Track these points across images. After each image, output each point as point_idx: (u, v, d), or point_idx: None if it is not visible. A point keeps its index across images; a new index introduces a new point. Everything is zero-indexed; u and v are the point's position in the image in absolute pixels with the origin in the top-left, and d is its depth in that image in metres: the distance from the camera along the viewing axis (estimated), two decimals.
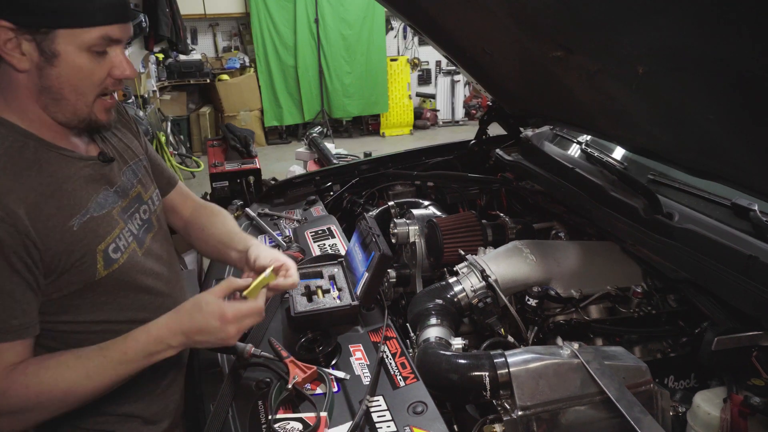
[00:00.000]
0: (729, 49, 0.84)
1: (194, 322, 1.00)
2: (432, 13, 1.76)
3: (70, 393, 0.95)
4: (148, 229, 1.18)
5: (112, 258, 1.04)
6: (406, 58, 8.45)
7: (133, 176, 1.18)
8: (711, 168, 1.25)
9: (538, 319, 1.43)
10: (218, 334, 1.01)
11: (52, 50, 0.92)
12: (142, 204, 1.18)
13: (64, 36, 0.91)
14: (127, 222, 1.11)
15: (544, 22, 1.25)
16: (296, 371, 1.16)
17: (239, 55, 7.88)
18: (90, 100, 0.99)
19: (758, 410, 1.04)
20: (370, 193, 2.32)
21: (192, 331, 1.00)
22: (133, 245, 1.11)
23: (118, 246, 1.06)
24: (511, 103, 2.22)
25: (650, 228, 1.41)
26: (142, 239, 1.15)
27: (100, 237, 1.02)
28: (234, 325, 1.02)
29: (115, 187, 1.11)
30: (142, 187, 1.20)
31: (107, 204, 1.07)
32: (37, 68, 0.93)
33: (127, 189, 1.14)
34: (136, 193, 1.17)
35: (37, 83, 0.95)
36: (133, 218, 1.14)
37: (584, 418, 1.07)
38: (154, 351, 0.99)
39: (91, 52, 0.94)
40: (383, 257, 1.34)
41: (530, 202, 2.06)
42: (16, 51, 0.91)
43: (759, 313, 1.12)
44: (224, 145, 4.04)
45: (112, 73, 0.99)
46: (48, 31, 0.90)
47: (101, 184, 1.07)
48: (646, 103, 1.23)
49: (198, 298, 1.03)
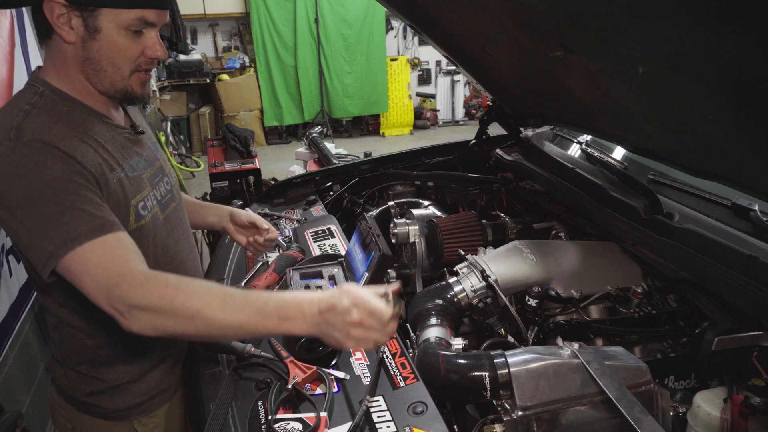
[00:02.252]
0: (729, 49, 0.84)
1: (327, 298, 0.97)
2: (432, 13, 1.76)
3: (200, 315, 0.95)
4: (171, 199, 1.30)
5: (140, 213, 1.15)
6: (406, 58, 8.44)
7: (155, 151, 1.30)
8: (711, 168, 1.25)
9: (538, 319, 1.43)
10: (346, 318, 0.94)
11: (95, 26, 1.03)
12: (164, 176, 1.30)
13: (107, 14, 1.03)
14: (153, 187, 1.22)
15: (544, 22, 1.25)
16: (296, 371, 1.16)
17: (239, 55, 7.88)
18: (126, 73, 1.10)
19: (759, 410, 1.04)
20: (370, 193, 2.32)
21: (323, 307, 0.96)
22: (156, 208, 1.21)
23: (146, 204, 1.17)
24: (511, 103, 2.22)
25: (650, 228, 1.41)
26: (166, 205, 1.26)
27: (133, 193, 1.13)
28: (356, 311, 0.95)
29: (145, 155, 1.23)
30: (162, 161, 1.31)
31: (139, 168, 1.18)
32: (82, 41, 1.04)
33: (152, 160, 1.25)
34: (159, 165, 1.28)
35: (81, 55, 1.06)
36: (158, 186, 1.25)
37: (584, 418, 1.07)
38: (288, 315, 0.97)
39: (128, 31, 1.06)
40: (383, 257, 1.34)
41: (530, 202, 2.06)
42: (66, 25, 1.03)
43: (759, 313, 1.12)
44: (224, 145, 4.04)
45: (145, 52, 1.10)
46: (94, 9, 1.02)
47: (134, 151, 1.19)
48: (646, 103, 1.23)
49: (352, 286, 1.01)
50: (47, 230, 0.96)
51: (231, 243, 1.79)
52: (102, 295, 0.96)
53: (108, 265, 0.97)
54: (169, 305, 0.95)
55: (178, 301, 0.95)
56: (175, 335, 1.05)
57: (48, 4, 1.01)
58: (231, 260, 1.78)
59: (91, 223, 0.98)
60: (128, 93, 1.13)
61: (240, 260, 1.77)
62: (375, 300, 0.97)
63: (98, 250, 0.97)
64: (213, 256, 1.91)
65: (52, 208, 0.96)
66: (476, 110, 8.58)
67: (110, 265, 0.97)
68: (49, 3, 1.01)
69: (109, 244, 0.98)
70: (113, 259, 0.97)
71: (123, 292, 0.95)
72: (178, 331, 0.99)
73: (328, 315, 0.95)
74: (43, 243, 0.96)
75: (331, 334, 0.96)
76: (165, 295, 0.96)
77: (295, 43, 7.53)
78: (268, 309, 0.97)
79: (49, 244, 0.96)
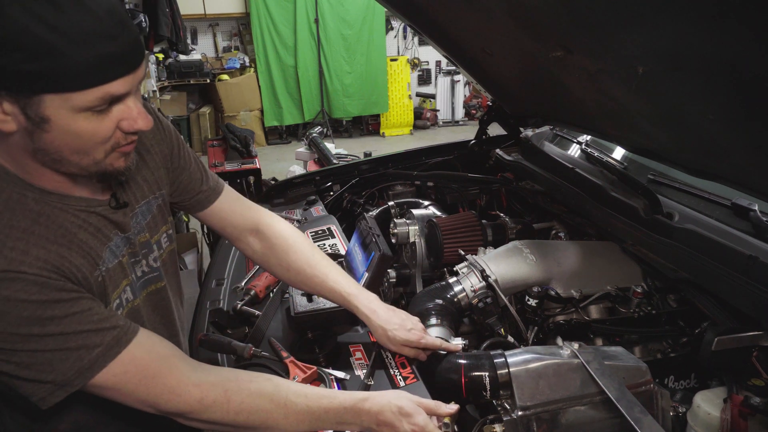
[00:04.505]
0: (729, 49, 0.84)
1: (391, 417, 0.96)
2: (432, 13, 1.76)
3: (266, 426, 0.93)
4: (156, 279, 1.11)
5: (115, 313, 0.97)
6: (406, 58, 8.44)
7: (143, 219, 1.06)
8: (711, 168, 1.25)
9: (538, 319, 1.43)
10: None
11: (40, 115, 0.77)
12: (150, 252, 1.08)
13: (53, 100, 0.76)
14: (131, 272, 1.03)
15: (544, 22, 1.25)
16: (296, 371, 1.16)
17: (239, 55, 7.88)
18: (99, 157, 0.86)
19: (758, 410, 1.04)
20: (370, 193, 2.32)
21: (384, 423, 0.96)
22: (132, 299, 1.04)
23: (121, 301, 0.99)
24: (511, 103, 2.22)
25: (650, 228, 1.41)
26: (141, 289, 1.07)
27: (112, 289, 0.96)
28: None
29: (127, 233, 1.01)
30: (149, 230, 1.08)
31: (119, 252, 0.98)
32: (27, 132, 0.79)
33: (137, 232, 1.04)
34: (145, 239, 1.06)
35: (29, 144, 0.81)
36: (135, 268, 1.05)
37: (584, 418, 1.07)
38: (346, 420, 0.97)
39: (90, 113, 0.80)
40: (383, 257, 1.34)
41: (530, 202, 2.06)
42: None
43: (759, 313, 1.12)
44: (224, 145, 4.04)
45: (121, 125, 0.85)
46: (31, 96, 0.75)
47: (112, 231, 0.97)
48: (646, 103, 1.23)
49: (410, 401, 0.98)
50: (60, 360, 0.82)
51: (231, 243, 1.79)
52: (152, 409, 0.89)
53: (151, 382, 0.86)
54: (232, 421, 0.91)
55: (242, 418, 0.91)
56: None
57: None
58: (231, 260, 1.78)
59: (105, 338, 0.84)
60: (107, 173, 0.89)
61: (240, 260, 1.77)
62: (432, 428, 0.96)
63: (128, 368, 0.86)
64: (213, 256, 1.91)
65: (47, 342, 0.81)
66: (476, 110, 8.58)
67: (154, 381, 0.87)
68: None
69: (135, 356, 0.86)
70: (156, 373, 0.87)
71: (176, 407, 0.88)
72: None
73: (384, 429, 0.96)
74: (52, 377, 0.82)
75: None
76: (228, 411, 0.90)
77: (295, 43, 7.53)
78: (328, 416, 0.96)
79: (60, 376, 0.82)
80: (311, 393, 0.97)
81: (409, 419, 0.95)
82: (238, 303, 1.45)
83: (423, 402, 1.00)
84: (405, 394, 1.00)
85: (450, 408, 1.00)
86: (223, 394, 0.90)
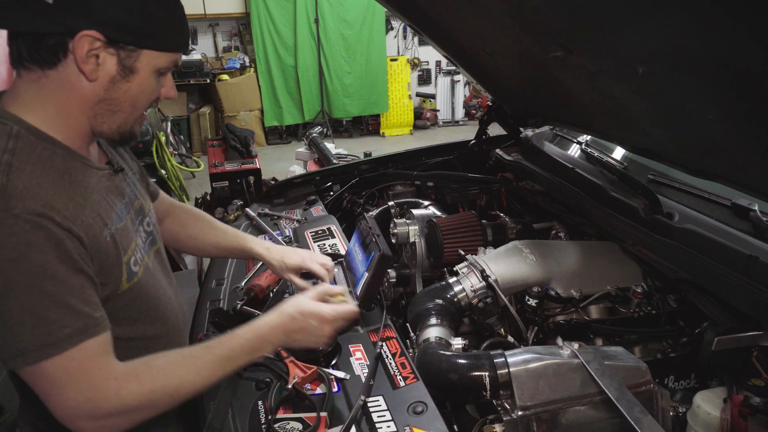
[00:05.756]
0: (729, 49, 0.84)
1: (295, 323, 1.08)
2: (432, 13, 1.76)
3: (181, 389, 0.97)
4: (152, 243, 1.17)
5: (132, 271, 1.03)
6: (406, 58, 8.44)
7: (135, 188, 1.16)
8: (711, 168, 1.25)
9: (538, 319, 1.43)
10: (316, 333, 1.09)
11: (132, 66, 0.95)
12: (145, 216, 1.17)
13: (147, 56, 0.96)
14: (136, 235, 1.09)
15: (544, 22, 1.25)
16: (296, 371, 1.16)
17: (239, 55, 7.88)
18: (138, 115, 1.03)
19: (758, 410, 1.04)
20: (370, 193, 2.33)
21: (293, 330, 1.08)
22: (145, 258, 1.10)
23: (136, 259, 1.05)
24: (511, 103, 2.22)
25: (650, 228, 1.41)
26: (148, 251, 1.14)
27: (124, 249, 1.01)
28: (330, 326, 1.10)
29: (126, 198, 1.09)
30: (143, 198, 1.18)
31: (123, 216, 1.05)
32: (111, 81, 0.95)
33: (132, 200, 1.12)
34: (139, 206, 1.15)
35: (99, 94, 0.96)
36: (139, 231, 1.12)
37: (584, 418, 1.07)
38: (256, 348, 1.05)
39: (157, 73, 1.00)
40: (383, 257, 1.34)
41: (530, 202, 2.06)
42: (93, 60, 0.92)
43: (759, 313, 1.12)
44: (224, 145, 4.04)
45: (161, 92, 1.04)
46: (134, 50, 0.94)
47: (116, 195, 1.06)
48: (646, 103, 1.23)
49: (298, 300, 1.11)
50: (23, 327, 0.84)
51: None
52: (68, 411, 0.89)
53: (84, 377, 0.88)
54: (149, 400, 0.93)
55: (157, 394, 0.94)
56: None
57: (82, 38, 0.89)
58: (231, 260, 1.78)
59: (74, 325, 0.87)
60: (129, 135, 1.04)
61: (240, 260, 1.77)
62: (336, 308, 1.11)
63: (77, 358, 0.87)
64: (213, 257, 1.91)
65: (36, 302, 0.85)
66: (476, 110, 8.58)
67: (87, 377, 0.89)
68: (83, 37, 0.89)
69: (89, 351, 0.89)
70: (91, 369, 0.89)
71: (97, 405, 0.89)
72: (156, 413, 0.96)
73: (297, 335, 1.08)
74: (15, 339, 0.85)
75: (300, 343, 1.10)
76: (143, 392, 0.92)
77: (295, 43, 7.53)
78: (236, 352, 1.02)
79: (21, 343, 0.84)
80: (213, 342, 1.03)
81: (315, 316, 1.08)
82: (238, 303, 1.45)
83: (315, 293, 1.14)
84: (295, 299, 1.11)
85: (339, 288, 1.17)
86: (135, 378, 0.93)
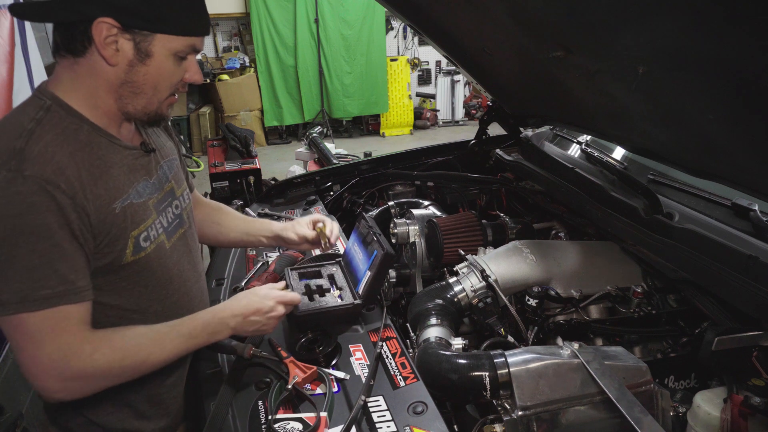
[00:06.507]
0: (729, 49, 0.84)
1: (251, 304, 1.17)
2: (432, 13, 1.76)
3: (147, 361, 1.05)
4: (179, 225, 1.23)
5: (141, 246, 1.09)
6: (406, 58, 8.44)
7: (168, 171, 1.23)
8: (711, 168, 1.25)
9: (538, 319, 1.43)
10: (270, 314, 1.18)
11: (147, 50, 1.01)
12: (174, 199, 1.23)
13: (161, 40, 1.01)
14: (159, 214, 1.16)
15: (544, 22, 1.25)
16: (296, 371, 1.17)
17: (239, 55, 7.88)
18: (163, 97, 1.08)
19: (758, 410, 1.04)
20: (370, 193, 2.33)
21: (248, 312, 1.16)
22: (162, 237, 1.16)
23: (149, 235, 1.11)
24: (511, 103, 2.22)
25: (650, 228, 1.41)
26: (172, 232, 1.20)
27: (135, 223, 1.08)
28: (282, 306, 1.20)
29: (153, 178, 1.17)
30: (176, 183, 1.25)
31: (145, 193, 1.12)
32: (129, 64, 1.01)
33: (162, 182, 1.19)
34: (169, 188, 1.22)
35: (121, 77, 1.02)
36: (166, 211, 1.19)
37: (584, 418, 1.07)
38: (215, 330, 1.13)
39: (175, 57, 1.04)
40: (387, 256, 1.34)
41: (530, 202, 2.06)
42: (112, 47, 0.98)
43: (759, 313, 1.12)
44: (224, 145, 4.04)
45: (184, 77, 1.09)
46: (148, 34, 0.99)
47: (141, 174, 1.13)
48: (646, 103, 1.23)
49: (252, 289, 1.23)
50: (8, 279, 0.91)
51: None
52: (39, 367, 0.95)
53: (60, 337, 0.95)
54: (119, 367, 1.02)
55: (127, 361, 1.03)
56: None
57: (98, 25, 0.95)
58: (231, 260, 1.78)
59: (56, 288, 0.94)
60: (156, 116, 1.11)
61: (240, 260, 1.77)
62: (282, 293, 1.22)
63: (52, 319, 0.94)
64: (213, 257, 1.91)
65: (26, 258, 0.91)
66: (476, 110, 8.58)
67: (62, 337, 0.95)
68: (99, 24, 0.95)
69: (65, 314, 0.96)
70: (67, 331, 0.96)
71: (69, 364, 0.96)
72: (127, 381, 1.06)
73: (253, 316, 1.16)
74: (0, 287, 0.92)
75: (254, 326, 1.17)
76: (114, 359, 1.01)
77: (295, 43, 7.53)
78: (197, 331, 1.11)
79: (3, 294, 0.91)
80: (177, 322, 1.12)
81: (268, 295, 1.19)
82: None
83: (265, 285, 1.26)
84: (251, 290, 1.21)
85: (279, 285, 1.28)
86: (108, 345, 1.01)
